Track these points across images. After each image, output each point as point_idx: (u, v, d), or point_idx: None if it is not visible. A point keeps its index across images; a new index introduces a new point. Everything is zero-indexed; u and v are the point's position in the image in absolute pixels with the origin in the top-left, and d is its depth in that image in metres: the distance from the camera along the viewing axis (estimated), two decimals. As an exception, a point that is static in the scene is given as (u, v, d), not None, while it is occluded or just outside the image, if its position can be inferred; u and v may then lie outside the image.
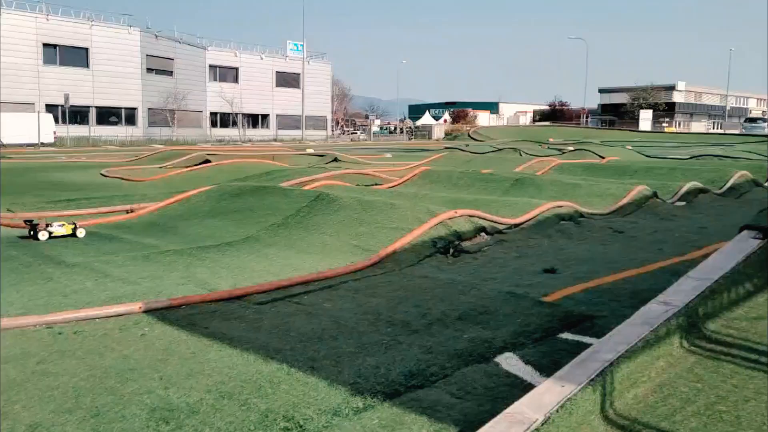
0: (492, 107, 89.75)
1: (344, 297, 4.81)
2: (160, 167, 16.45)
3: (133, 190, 12.04)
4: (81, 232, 7.08)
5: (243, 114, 53.25)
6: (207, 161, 16.58)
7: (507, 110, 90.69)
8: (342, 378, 3.19)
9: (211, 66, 52.63)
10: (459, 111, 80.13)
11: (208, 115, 52.11)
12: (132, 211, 8.98)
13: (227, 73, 54.08)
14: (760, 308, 3.22)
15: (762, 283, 3.51)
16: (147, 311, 4.22)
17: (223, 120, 53.24)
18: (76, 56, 41.81)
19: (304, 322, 4.13)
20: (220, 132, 50.33)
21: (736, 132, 55.13)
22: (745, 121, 61.83)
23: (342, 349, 3.63)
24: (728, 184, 12.02)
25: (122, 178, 14.01)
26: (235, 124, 52.76)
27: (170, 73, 48.04)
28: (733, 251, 3.62)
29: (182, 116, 47.25)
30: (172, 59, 48.33)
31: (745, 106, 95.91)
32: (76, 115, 40.78)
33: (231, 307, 4.42)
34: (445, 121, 73.92)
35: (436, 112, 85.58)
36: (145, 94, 45.22)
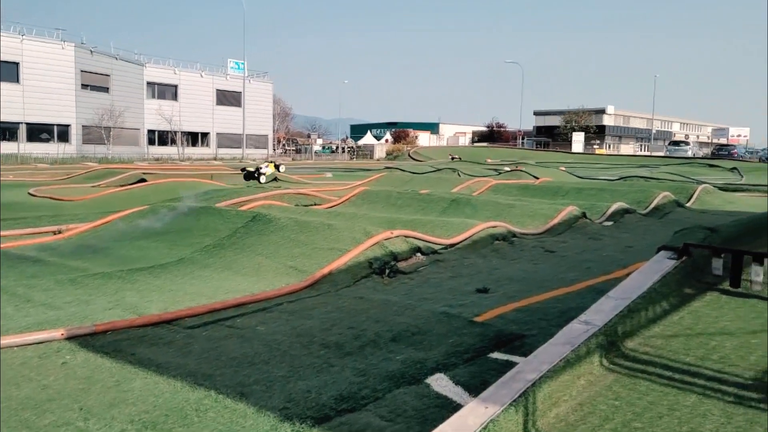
0: (432, 128, 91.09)
1: (278, 320, 4.76)
2: (93, 186, 15.95)
3: (63, 211, 11.62)
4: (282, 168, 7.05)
5: (182, 132, 52.24)
6: (143, 180, 16.18)
7: (447, 131, 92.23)
8: (272, 403, 3.16)
9: (149, 83, 51.50)
10: (400, 131, 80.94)
11: (145, 132, 50.87)
12: (60, 232, 8.65)
13: (166, 91, 53.05)
14: (675, 326, 3.38)
15: (677, 301, 3.69)
16: (70, 338, 4.06)
17: (161, 138, 52.08)
18: (6, 71, 40.15)
19: (236, 346, 4.07)
20: (158, 150, 49.19)
21: (661, 154, 57.71)
22: (669, 144, 64.88)
23: (273, 374, 3.59)
24: (652, 205, 12.57)
25: (52, 198, 13.49)
26: (173, 142, 51.67)
27: (106, 89, 46.73)
28: (650, 271, 3.79)
29: (118, 134, 45.94)
30: (108, 75, 47.06)
31: (669, 130, 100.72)
32: (5, 131, 39.11)
33: (160, 332, 4.31)
34: (387, 141, 74.53)
35: (378, 131, 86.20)
36: (79, 110, 43.77)
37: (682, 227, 10.02)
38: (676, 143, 63.04)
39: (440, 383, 3.51)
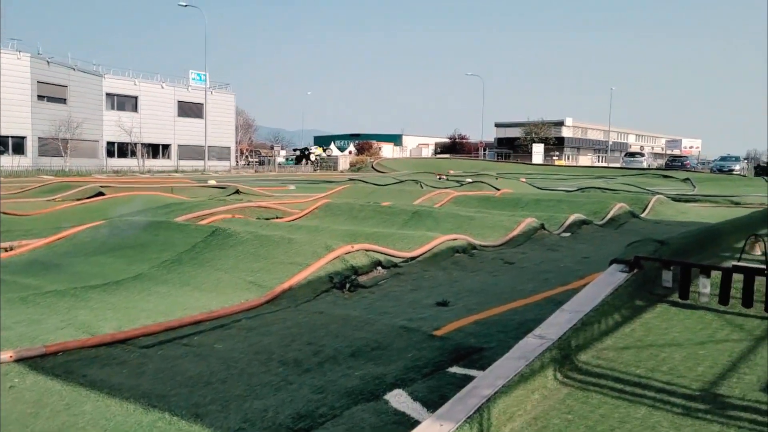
0: (396, 139, 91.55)
1: (236, 336, 4.71)
2: (48, 200, 15.53)
3: (16, 226, 11.26)
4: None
5: (142, 144, 51.42)
6: (100, 194, 15.83)
7: (410, 142, 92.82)
8: (227, 424, 3.12)
9: (108, 94, 50.65)
10: (364, 143, 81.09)
11: (104, 144, 49.94)
12: (12, 248, 8.40)
13: (126, 102, 52.26)
14: (626, 338, 3.46)
15: (629, 313, 3.78)
16: (19, 360, 3.94)
17: (121, 150, 51.18)
18: (-43, 82, 39.07)
19: (192, 365, 4.00)
20: (117, 162, 48.30)
21: (618, 165, 59.06)
22: (625, 156, 66.50)
23: (230, 393, 3.55)
24: (609, 216, 12.84)
25: (4, 212, 13.09)
26: (134, 154, 50.81)
27: (63, 100, 45.80)
28: (603, 284, 3.87)
29: (76, 146, 44.97)
30: (66, 86, 46.16)
31: (625, 141, 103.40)
32: (-44, 144, 37.98)
33: (113, 352, 4.22)
34: (350, 152, 74.59)
35: (342, 143, 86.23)
36: (35, 122, 42.77)
37: (637, 237, 10.25)
38: (632, 155, 64.65)
39: (399, 399, 3.51)
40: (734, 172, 43.74)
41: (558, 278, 7.15)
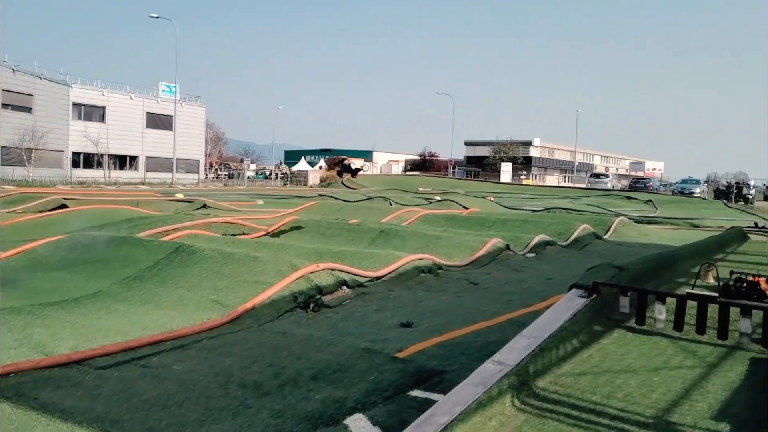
0: (366, 155, 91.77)
1: (196, 357, 4.64)
2: (9, 212, 15.14)
3: (-29, 238, 10.95)
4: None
5: (109, 155, 50.60)
6: (64, 206, 15.50)
7: (380, 159, 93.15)
8: (182, 450, 3.07)
9: (75, 104, 49.83)
10: (334, 158, 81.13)
11: (70, 155, 49.03)
12: (-34, 262, 8.15)
13: (93, 112, 51.48)
14: (584, 363, 3.51)
15: (586, 338, 3.84)
16: (-32, 381, 3.82)
17: (87, 161, 50.30)
18: None
19: (149, 387, 3.93)
20: (83, 173, 47.41)
21: (583, 186, 60.09)
22: (590, 176, 67.76)
23: (187, 417, 3.49)
24: (572, 237, 13.05)
25: (-40, 224, 12.71)
26: (100, 165, 49.94)
27: (28, 109, 44.93)
28: (562, 309, 3.93)
29: (41, 155, 44.09)
30: (31, 95, 45.31)
31: (591, 162, 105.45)
32: None
33: (68, 374, 4.12)
34: (321, 167, 74.49)
35: (312, 158, 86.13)
36: (-3, 130, 41.79)
37: (599, 259, 10.43)
38: (597, 175, 65.93)
39: (358, 424, 3.50)
40: (695, 195, 44.82)
41: (521, 299, 7.23)
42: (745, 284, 4.88)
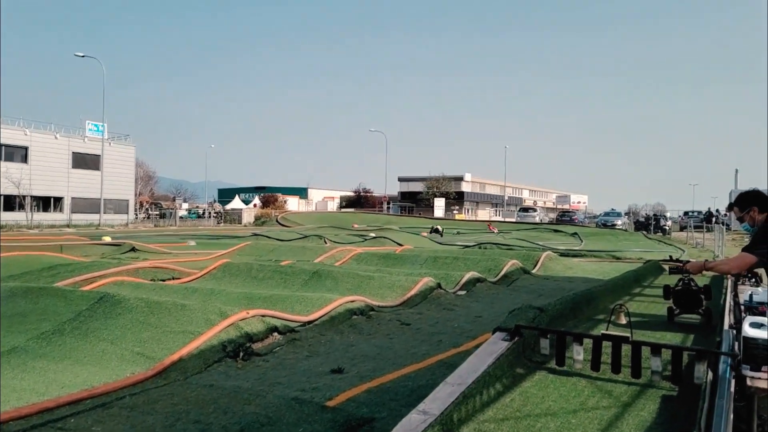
0: (302, 192, 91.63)
1: (118, 416, 4.48)
2: None
3: None
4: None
5: (32, 196, 48.47)
6: (-24, 253, 14.69)
7: (316, 195, 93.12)
8: None
9: (-5, 144, 47.73)
10: (269, 196, 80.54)
11: (-11, 197, 46.71)
12: None
13: (15, 153, 49.38)
14: (506, 408, 3.61)
15: (509, 382, 3.95)
16: None
17: (8, 203, 47.98)
18: None
19: (65, 453, 3.77)
20: (4, 216, 45.12)
21: (513, 220, 61.85)
22: (519, 210, 69.90)
23: (105, 483, 3.36)
24: (502, 273, 13.39)
25: None
26: (22, 207, 47.71)
27: (-58, 149, 42.73)
28: (485, 354, 4.04)
29: (-43, 198, 41.80)
30: (-55, 134, 43.14)
31: (520, 196, 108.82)
32: None
33: (-23, 442, 3.90)
34: (255, 205, 73.69)
35: (246, 196, 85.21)
36: None
37: (527, 294, 10.73)
38: (526, 209, 68.11)
39: (285, 480, 3.46)
40: (617, 227, 46.88)
41: (451, 340, 7.34)
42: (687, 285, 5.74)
